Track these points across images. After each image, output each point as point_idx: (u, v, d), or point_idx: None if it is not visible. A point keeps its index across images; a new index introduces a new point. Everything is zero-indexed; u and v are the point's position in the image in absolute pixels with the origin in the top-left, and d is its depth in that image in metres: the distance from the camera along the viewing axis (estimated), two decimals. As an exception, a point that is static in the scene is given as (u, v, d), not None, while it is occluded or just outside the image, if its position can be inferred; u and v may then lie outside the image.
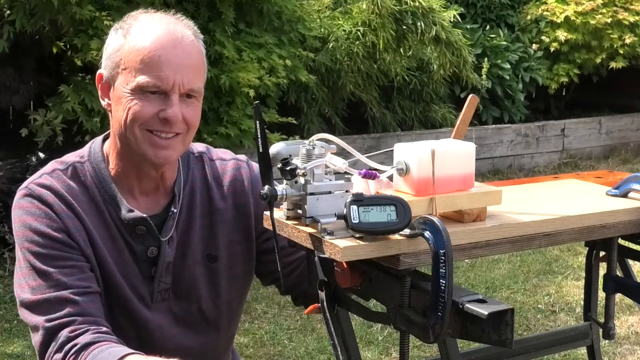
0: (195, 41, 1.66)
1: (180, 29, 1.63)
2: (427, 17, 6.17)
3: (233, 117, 5.08)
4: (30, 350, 3.80)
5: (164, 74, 1.57)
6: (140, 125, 1.60)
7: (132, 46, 1.60)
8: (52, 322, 1.56)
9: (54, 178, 1.65)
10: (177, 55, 1.59)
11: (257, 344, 3.97)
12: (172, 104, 1.58)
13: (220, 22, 5.19)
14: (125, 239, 1.67)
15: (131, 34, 1.61)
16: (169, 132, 1.60)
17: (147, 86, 1.58)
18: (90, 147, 1.72)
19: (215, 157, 1.81)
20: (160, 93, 1.59)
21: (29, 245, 1.61)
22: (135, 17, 1.66)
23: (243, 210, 1.78)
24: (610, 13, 7.91)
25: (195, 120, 1.65)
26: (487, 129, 7.73)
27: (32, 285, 1.59)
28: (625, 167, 7.87)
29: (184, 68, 1.59)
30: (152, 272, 1.69)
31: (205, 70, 1.69)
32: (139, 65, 1.58)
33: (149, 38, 1.59)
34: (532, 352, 1.83)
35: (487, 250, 1.42)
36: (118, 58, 1.61)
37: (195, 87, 1.62)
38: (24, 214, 1.63)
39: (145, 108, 1.59)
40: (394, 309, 1.35)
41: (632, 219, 1.56)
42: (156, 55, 1.58)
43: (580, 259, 5.10)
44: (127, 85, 1.59)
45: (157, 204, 1.71)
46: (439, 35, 6.21)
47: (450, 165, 1.39)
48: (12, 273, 4.46)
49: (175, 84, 1.58)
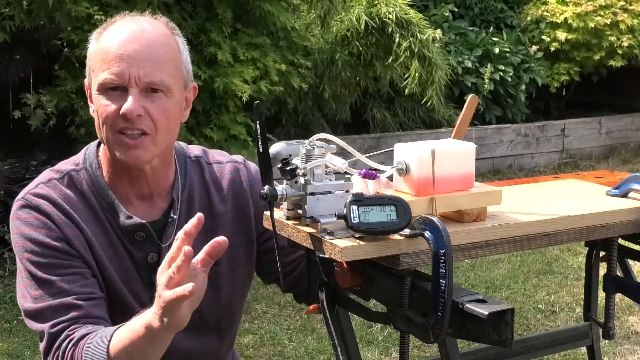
0: (164, 34, 1.63)
1: (146, 25, 1.61)
2: (405, 29, 6.24)
3: (222, 122, 5.08)
4: (30, 351, 3.80)
5: (119, 68, 1.56)
6: (109, 127, 1.58)
7: (97, 48, 1.61)
8: (56, 327, 1.56)
9: (51, 187, 1.65)
10: (134, 49, 1.57)
11: (257, 344, 3.97)
12: (128, 98, 1.56)
13: (217, 23, 5.19)
14: (125, 245, 1.66)
15: (101, 37, 1.62)
16: (132, 129, 1.57)
17: (105, 83, 1.57)
18: (85, 153, 1.71)
19: (212, 160, 1.79)
20: (121, 90, 1.57)
21: (28, 255, 1.61)
22: (112, 21, 1.65)
23: (243, 212, 1.77)
24: (609, 15, 7.91)
25: (163, 117, 1.59)
26: (487, 129, 7.73)
27: (34, 295, 1.59)
28: (625, 167, 7.87)
29: (141, 61, 1.56)
30: (153, 279, 1.69)
31: (179, 64, 1.64)
32: (100, 64, 1.58)
33: (113, 38, 1.59)
34: (532, 352, 1.83)
35: (487, 250, 1.41)
36: (90, 62, 1.63)
37: (156, 80, 1.57)
38: (22, 224, 1.62)
39: (107, 107, 1.57)
40: (394, 309, 1.35)
41: (632, 219, 1.56)
42: (113, 52, 1.57)
43: (580, 259, 5.10)
44: (95, 86, 1.60)
45: (155, 210, 1.70)
46: (412, 49, 6.25)
47: (450, 165, 1.39)
48: (12, 273, 4.48)
49: (131, 77, 1.56)
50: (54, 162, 1.85)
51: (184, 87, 1.66)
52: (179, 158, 1.74)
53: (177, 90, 1.62)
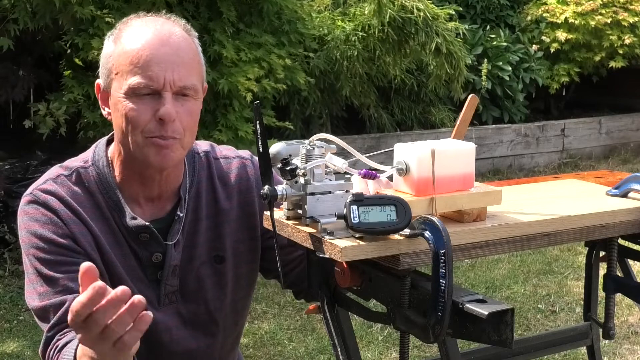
0: (187, 37, 1.63)
1: (168, 27, 1.61)
2: (430, 28, 6.17)
3: (229, 121, 5.07)
4: (30, 351, 3.80)
5: (154, 72, 1.55)
6: (142, 132, 1.57)
7: (121, 50, 1.59)
8: (52, 331, 1.57)
9: (59, 184, 1.65)
10: (166, 52, 1.57)
11: (257, 344, 3.97)
12: (166, 102, 1.56)
13: (220, 22, 5.19)
14: (130, 245, 1.66)
15: (121, 38, 1.60)
16: (166, 135, 1.57)
17: (138, 87, 1.56)
18: (95, 151, 1.71)
19: (219, 155, 1.79)
20: (153, 94, 1.56)
21: (35, 251, 1.61)
22: (126, 22, 1.65)
23: (248, 209, 1.77)
24: (610, 13, 7.91)
25: (191, 120, 1.61)
26: (487, 129, 7.74)
27: (39, 292, 1.60)
28: (625, 167, 7.87)
29: (174, 65, 1.57)
30: (159, 276, 1.69)
31: (201, 67, 1.66)
32: (129, 68, 1.56)
33: (138, 40, 1.58)
34: (532, 352, 1.83)
35: (487, 250, 1.41)
36: (110, 64, 1.60)
37: (189, 84, 1.59)
38: (30, 220, 1.62)
39: (141, 112, 1.56)
40: (394, 309, 1.35)
41: (632, 219, 1.56)
42: (144, 55, 1.56)
43: (580, 259, 5.10)
44: (120, 89, 1.58)
45: (162, 210, 1.71)
46: (440, 47, 6.21)
47: (450, 165, 1.39)
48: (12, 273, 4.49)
49: (166, 82, 1.56)
50: (54, 162, 1.85)
51: (202, 89, 1.68)
52: (187, 155, 1.74)
53: (200, 93, 1.65)
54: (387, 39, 6.33)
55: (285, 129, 5.66)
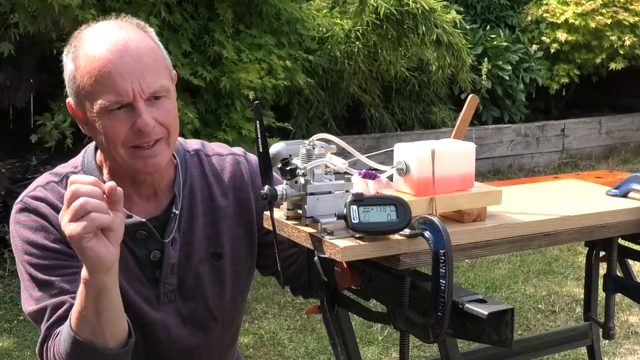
0: (143, 37, 1.61)
1: (123, 34, 1.58)
2: (428, 20, 6.16)
3: (233, 121, 5.07)
4: (30, 350, 3.80)
5: (120, 87, 1.54)
6: (122, 145, 1.57)
7: (83, 69, 1.56)
8: (50, 330, 1.57)
9: (48, 190, 1.65)
10: (127, 63, 1.54)
11: (257, 344, 3.97)
12: (141, 113, 1.55)
13: (219, 23, 5.19)
14: (126, 244, 1.66)
15: (79, 57, 1.58)
16: (149, 141, 1.57)
17: (109, 105, 1.55)
18: (84, 157, 1.72)
19: (211, 153, 1.80)
20: (125, 106, 1.55)
21: (28, 258, 1.62)
22: (78, 37, 1.61)
23: (244, 205, 1.77)
24: (610, 14, 7.91)
25: (171, 120, 1.60)
26: (487, 129, 7.74)
27: (35, 297, 1.60)
28: (625, 167, 7.87)
29: (139, 73, 1.55)
30: (157, 275, 1.69)
31: (164, 61, 1.63)
32: (95, 87, 1.55)
33: (96, 56, 1.55)
34: (532, 352, 1.83)
35: (487, 250, 1.41)
36: (76, 85, 1.59)
37: (158, 87, 1.57)
38: (21, 227, 1.63)
39: (117, 127, 1.56)
40: (394, 309, 1.35)
41: (632, 219, 1.56)
42: (106, 72, 1.54)
43: (580, 259, 5.10)
44: (93, 109, 1.57)
45: (158, 207, 1.71)
46: (440, 38, 6.20)
47: (450, 165, 1.39)
48: (12, 273, 4.48)
49: (135, 93, 1.54)
50: (54, 162, 1.85)
51: (172, 81, 1.66)
52: (178, 153, 1.74)
53: (172, 87, 1.64)
54: (386, 34, 6.33)
55: (289, 129, 5.66)
